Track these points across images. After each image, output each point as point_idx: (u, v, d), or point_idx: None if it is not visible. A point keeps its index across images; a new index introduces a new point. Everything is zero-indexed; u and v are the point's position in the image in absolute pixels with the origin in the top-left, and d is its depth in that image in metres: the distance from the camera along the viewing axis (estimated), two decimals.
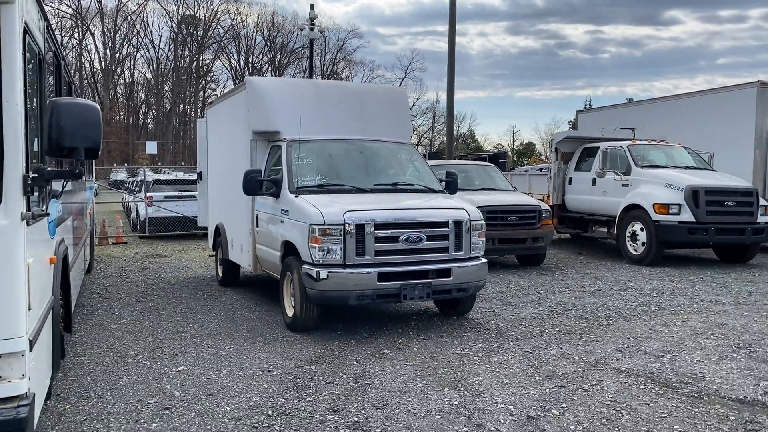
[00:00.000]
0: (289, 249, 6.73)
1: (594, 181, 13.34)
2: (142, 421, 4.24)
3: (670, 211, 11.33)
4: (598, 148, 13.46)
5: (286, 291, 6.78)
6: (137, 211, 18.18)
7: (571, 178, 14.27)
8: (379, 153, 7.82)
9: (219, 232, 9.57)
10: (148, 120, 71.64)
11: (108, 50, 62.18)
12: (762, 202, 11.82)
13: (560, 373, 5.22)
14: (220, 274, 9.69)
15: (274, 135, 7.74)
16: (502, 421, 4.22)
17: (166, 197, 17.29)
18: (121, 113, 67.59)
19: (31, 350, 3.21)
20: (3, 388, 2.99)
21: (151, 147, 23.64)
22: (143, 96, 69.88)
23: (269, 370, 5.33)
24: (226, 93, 9.88)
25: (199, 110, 68.01)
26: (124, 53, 64.74)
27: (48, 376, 4.09)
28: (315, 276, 6.05)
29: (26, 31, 3.25)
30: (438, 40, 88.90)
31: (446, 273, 6.40)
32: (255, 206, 7.84)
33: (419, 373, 5.21)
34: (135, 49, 65.24)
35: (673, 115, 15.67)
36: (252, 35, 67.94)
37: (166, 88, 67.68)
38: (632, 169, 12.41)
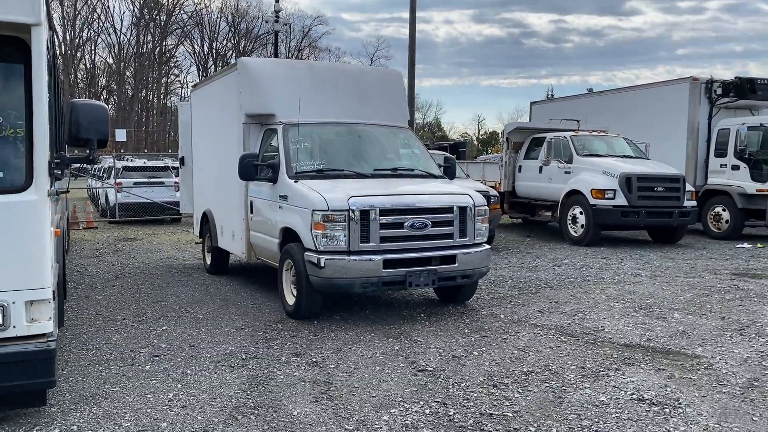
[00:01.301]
0: (288, 236, 6.66)
1: (541, 168, 14.46)
2: (137, 365, 5.12)
3: (606, 196, 12.50)
4: (545, 138, 14.58)
5: (286, 279, 6.70)
6: (106, 197, 18.73)
7: (520, 166, 15.38)
8: (377, 137, 7.70)
9: (207, 218, 9.40)
10: (110, 106, 70.91)
11: (68, 35, 61.37)
12: (688, 187, 13.09)
13: (486, 327, 6.26)
14: (209, 262, 9.53)
15: (269, 118, 7.56)
16: (431, 359, 5.21)
17: (135, 183, 17.92)
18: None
19: (54, 299, 4.06)
20: (36, 326, 3.83)
21: (121, 135, 23.91)
22: (104, 82, 69.14)
23: (242, 328, 6.23)
24: (213, 75, 9.54)
25: (162, 96, 67.71)
26: (84, 38, 63.95)
27: (56, 330, 4.92)
28: (319, 263, 5.98)
29: (47, 46, 4.06)
30: (404, 27, 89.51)
31: (451, 259, 6.36)
32: (249, 192, 7.68)
33: (369, 328, 6.18)
34: (96, 34, 64.49)
35: (616, 108, 16.88)
36: (216, 21, 67.69)
37: (128, 73, 67.06)
38: (574, 158, 13.55)
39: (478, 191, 12.40)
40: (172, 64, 69.60)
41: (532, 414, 4.13)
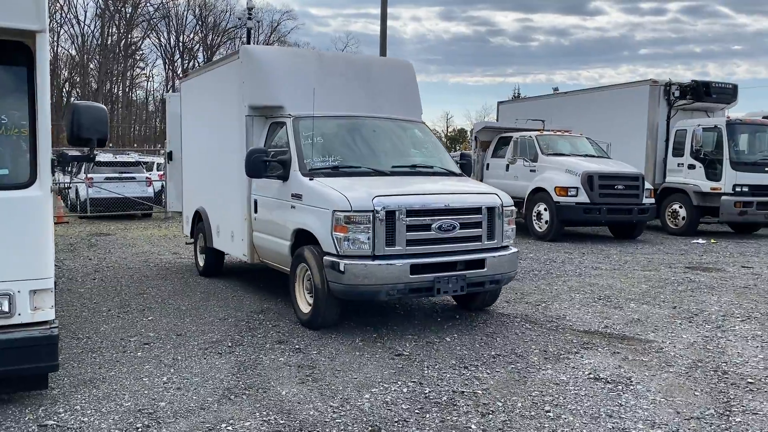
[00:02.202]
0: (301, 238, 6.24)
1: (507, 167, 14.99)
2: (129, 351, 5.39)
3: (569, 194, 13.06)
4: (512, 137, 15.10)
5: (299, 285, 6.28)
6: (77, 192, 18.68)
7: (488, 164, 15.90)
8: (392, 132, 7.31)
9: (200, 217, 8.86)
10: (72, 99, 69.59)
11: None
12: (647, 185, 13.74)
13: (457, 316, 6.68)
14: (201, 264, 9.02)
15: (276, 111, 7.13)
16: (407, 345, 5.61)
17: (106, 179, 17.93)
18: None
19: (54, 288, 4.32)
20: (40, 314, 4.08)
21: None
22: (67, 74, 67.83)
23: (225, 319, 6.53)
24: (208, 64, 9.08)
25: (127, 90, 66.72)
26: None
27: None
28: (340, 268, 5.56)
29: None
30: (371, 22, 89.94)
31: (480, 264, 6.01)
32: (252, 190, 7.22)
33: (347, 318, 6.51)
34: (58, 25, 63.21)
35: (580, 108, 17.51)
36: (183, 14, 67.00)
37: (92, 66, 65.95)
38: (539, 157, 14.10)
39: None
40: (138, 57, 68.74)
41: (500, 391, 4.54)
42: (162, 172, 21.88)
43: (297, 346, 5.56)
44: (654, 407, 4.27)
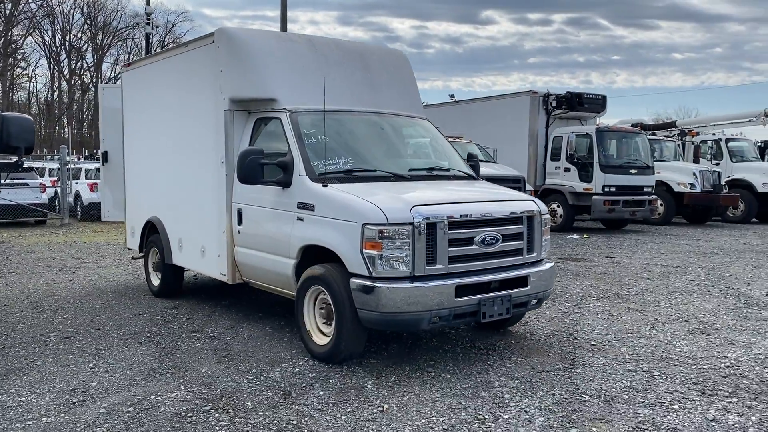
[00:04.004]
0: (309, 256, 5.40)
1: None
2: (51, 345, 5.75)
3: None
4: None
5: (310, 311, 5.40)
6: None
7: None
8: (400, 129, 6.61)
9: (153, 228, 7.78)
10: None
11: None
12: (528, 187, 15.17)
13: None
14: (155, 283, 7.90)
15: (265, 104, 6.17)
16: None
17: None
18: None
19: None
20: None
21: None
22: None
23: (140, 314, 6.96)
24: (165, 50, 7.65)
25: (8, 90, 62.71)
26: None
27: None
28: (374, 293, 4.70)
29: None
30: (268, 25, 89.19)
31: (523, 281, 5.33)
32: (235, 197, 6.24)
33: (257, 309, 7.13)
34: None
35: (471, 116, 18.86)
36: (70, 12, 63.93)
37: None
38: None
39: None
40: (19, 57, 64.88)
41: (392, 359, 5.34)
42: (55, 178, 21.31)
43: (212, 334, 6.12)
44: (515, 365, 5.22)
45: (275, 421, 4.06)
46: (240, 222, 6.20)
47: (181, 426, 3.98)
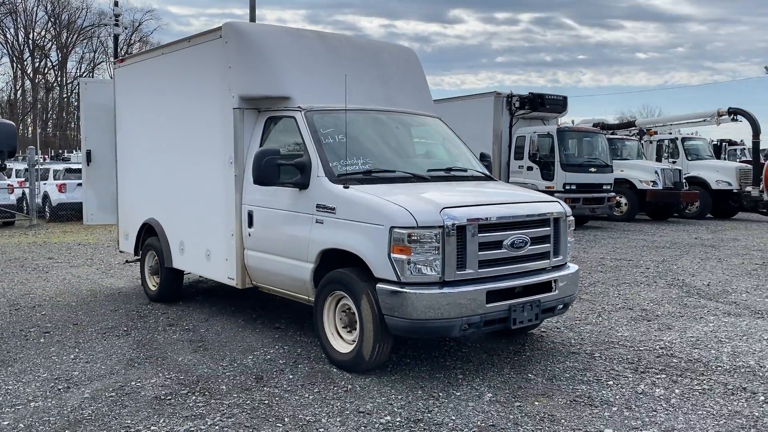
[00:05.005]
0: (327, 260, 5.26)
1: None
2: (31, 339, 6.03)
3: None
4: None
5: (330, 318, 5.27)
6: None
7: None
8: (414, 128, 6.52)
9: (151, 231, 7.60)
10: None
11: None
12: None
13: None
14: (153, 288, 7.67)
15: (277, 102, 6.01)
16: (283, 321, 6.69)
17: None
18: None
19: None
20: None
21: None
22: None
23: (115, 310, 7.24)
24: (164, 45, 7.61)
25: None
26: None
27: None
28: (403, 299, 4.58)
29: None
30: None
31: (550, 286, 5.25)
32: (245, 199, 6.06)
33: (230, 303, 7.46)
34: None
35: (440, 116, 19.34)
36: (33, 9, 62.85)
37: None
38: None
39: None
40: None
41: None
42: (23, 179, 21.18)
43: (186, 327, 6.46)
44: (469, 350, 5.68)
45: (248, 402, 4.43)
46: (251, 224, 6.02)
47: (161, 408, 4.33)
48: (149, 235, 7.71)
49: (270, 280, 6.02)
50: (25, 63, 63.59)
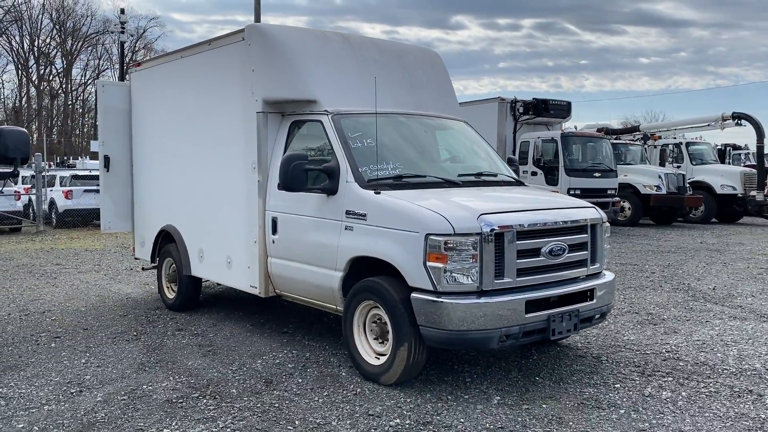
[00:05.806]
0: (357, 267, 5.09)
1: None
2: (42, 344, 6.09)
3: None
4: None
5: (359, 328, 5.09)
6: None
7: None
8: (442, 132, 6.39)
9: (169, 238, 7.46)
10: None
11: None
12: None
13: None
14: (170, 295, 7.57)
15: (303, 106, 5.85)
16: (291, 325, 6.74)
17: None
18: None
19: None
20: None
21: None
22: None
23: (125, 315, 7.30)
24: (188, 47, 7.35)
25: None
26: None
27: None
28: (444, 310, 4.41)
29: None
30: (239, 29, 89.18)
31: (589, 295, 5.08)
32: (269, 205, 5.92)
33: (237, 308, 7.52)
34: None
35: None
36: (38, 17, 63.26)
37: None
38: None
39: None
40: None
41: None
42: (29, 186, 21.31)
43: (195, 332, 6.51)
44: (477, 354, 5.71)
45: (259, 405, 4.48)
46: (275, 231, 5.85)
47: (173, 411, 4.38)
48: (167, 242, 7.59)
49: (295, 289, 5.85)
50: (31, 70, 63.98)
